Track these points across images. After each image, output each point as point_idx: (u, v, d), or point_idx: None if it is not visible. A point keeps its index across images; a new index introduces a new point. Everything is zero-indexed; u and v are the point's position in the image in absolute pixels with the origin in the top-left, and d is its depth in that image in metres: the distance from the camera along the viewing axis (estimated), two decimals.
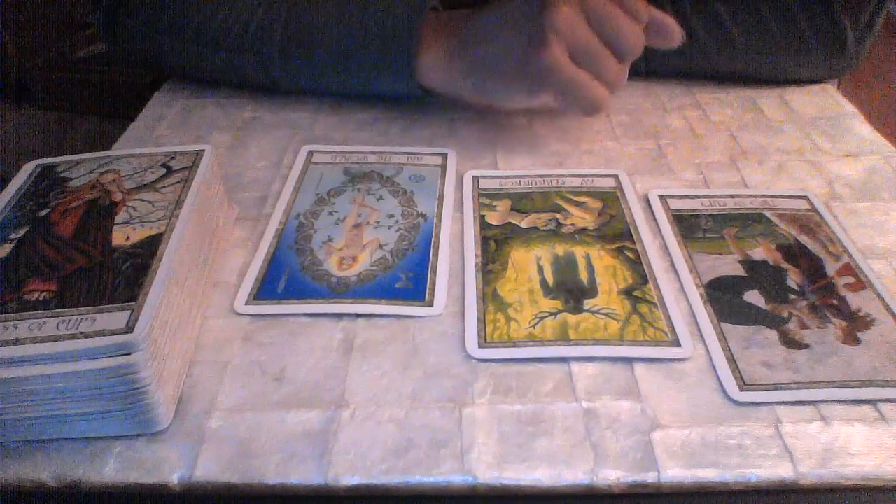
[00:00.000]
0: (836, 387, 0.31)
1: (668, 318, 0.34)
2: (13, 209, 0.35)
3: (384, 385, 0.32)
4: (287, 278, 0.37)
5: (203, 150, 0.39)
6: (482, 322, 0.34)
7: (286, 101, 0.54)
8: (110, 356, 0.27)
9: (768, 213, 0.41)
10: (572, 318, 0.34)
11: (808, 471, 0.28)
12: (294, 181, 0.45)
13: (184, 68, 0.56)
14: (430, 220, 0.41)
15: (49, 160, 0.39)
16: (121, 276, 0.30)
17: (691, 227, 0.41)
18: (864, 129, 0.51)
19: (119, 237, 0.33)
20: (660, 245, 0.40)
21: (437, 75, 0.48)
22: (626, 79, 0.44)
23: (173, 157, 0.39)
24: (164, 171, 0.37)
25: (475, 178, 0.45)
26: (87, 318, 0.28)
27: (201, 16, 0.51)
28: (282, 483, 0.28)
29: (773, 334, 0.34)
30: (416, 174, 0.46)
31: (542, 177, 0.45)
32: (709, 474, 0.28)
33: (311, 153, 0.48)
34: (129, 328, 0.27)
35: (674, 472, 0.28)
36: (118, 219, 0.34)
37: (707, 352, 0.33)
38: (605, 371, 0.32)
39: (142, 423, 0.29)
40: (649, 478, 0.28)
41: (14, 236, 0.33)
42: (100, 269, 0.31)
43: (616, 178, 0.45)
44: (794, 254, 0.38)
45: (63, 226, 0.34)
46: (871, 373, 0.31)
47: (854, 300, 0.35)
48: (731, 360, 0.32)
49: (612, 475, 0.28)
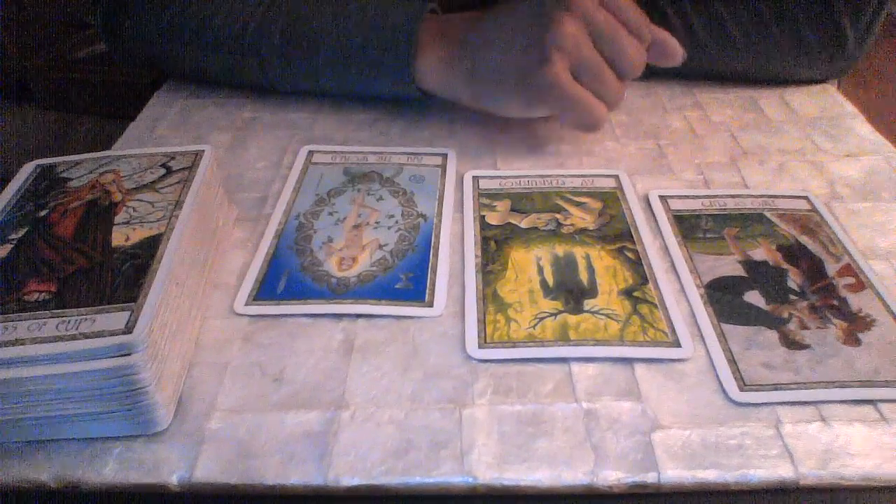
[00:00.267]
0: (836, 387, 0.31)
1: (669, 319, 0.34)
2: (13, 210, 0.35)
3: (384, 386, 0.32)
4: (287, 279, 0.37)
5: (203, 151, 0.39)
6: (482, 322, 0.34)
7: (286, 102, 0.54)
8: (110, 357, 0.27)
9: (769, 214, 0.41)
10: (572, 319, 0.34)
11: (809, 471, 0.28)
12: (294, 181, 0.45)
13: (183, 69, 0.56)
14: (430, 221, 0.41)
15: (49, 160, 0.39)
16: (120, 277, 0.30)
17: (691, 227, 0.41)
18: (864, 129, 0.51)
19: (119, 237, 0.33)
20: (660, 245, 0.40)
21: (435, 78, 0.47)
22: (625, 96, 0.44)
23: (173, 158, 0.39)
24: (163, 171, 0.37)
25: (475, 179, 0.45)
26: (87, 319, 0.28)
27: (200, 17, 0.51)
28: (281, 484, 0.28)
29: (773, 335, 0.34)
30: (416, 174, 0.46)
31: (542, 177, 0.45)
32: (709, 475, 0.28)
33: (311, 153, 0.48)
34: (129, 329, 0.27)
35: (674, 473, 0.28)
36: (118, 219, 0.34)
37: (707, 352, 0.33)
38: (605, 372, 0.32)
39: (141, 423, 0.29)
40: (649, 478, 0.28)
41: (14, 237, 0.33)
42: (99, 269, 0.31)
43: (616, 178, 0.45)
44: (794, 254, 0.38)
45: (63, 226, 0.33)
46: (872, 373, 0.31)
47: (854, 301, 0.35)
48: (732, 361, 0.32)
49: (613, 476, 0.28)
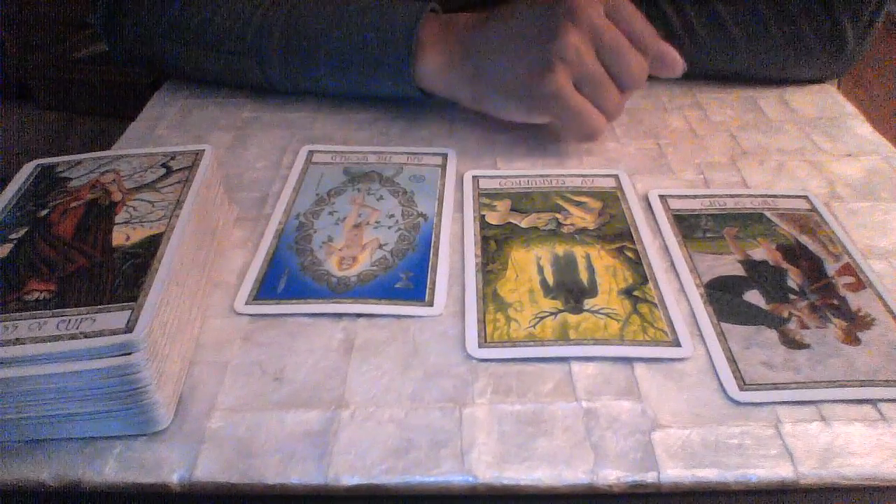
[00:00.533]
0: (836, 387, 0.31)
1: (669, 318, 0.34)
2: (13, 209, 0.35)
3: (384, 385, 0.32)
4: (287, 278, 0.37)
5: (203, 150, 0.39)
6: (482, 322, 0.34)
7: (286, 101, 0.54)
8: (110, 356, 0.27)
9: (768, 213, 0.41)
10: (572, 318, 0.34)
11: (808, 471, 0.28)
12: (294, 181, 0.45)
13: (183, 69, 0.56)
14: (430, 220, 0.41)
15: (49, 160, 0.39)
16: (121, 276, 0.30)
17: (691, 227, 0.41)
18: (864, 129, 0.51)
19: (119, 237, 0.33)
20: (660, 245, 0.40)
21: (436, 79, 0.47)
22: (624, 109, 0.44)
23: (173, 157, 0.39)
24: (164, 171, 0.37)
25: (475, 178, 0.45)
26: (87, 318, 0.28)
27: (200, 17, 0.51)
28: (282, 483, 0.28)
29: (773, 334, 0.34)
30: (416, 174, 0.46)
31: (542, 177, 0.45)
32: (709, 474, 0.28)
33: (311, 153, 0.48)
34: (129, 328, 0.27)
35: (674, 472, 0.28)
36: (118, 219, 0.34)
37: (707, 352, 0.33)
38: (605, 371, 0.32)
39: (142, 423, 0.29)
40: (649, 478, 0.28)
41: (14, 236, 0.33)
42: (100, 269, 0.31)
43: (616, 178, 0.45)
44: (794, 254, 0.38)
45: (63, 226, 0.34)
46: (872, 373, 0.31)
47: (854, 300, 0.35)
48: (732, 360, 0.32)
49: (613, 475, 0.28)
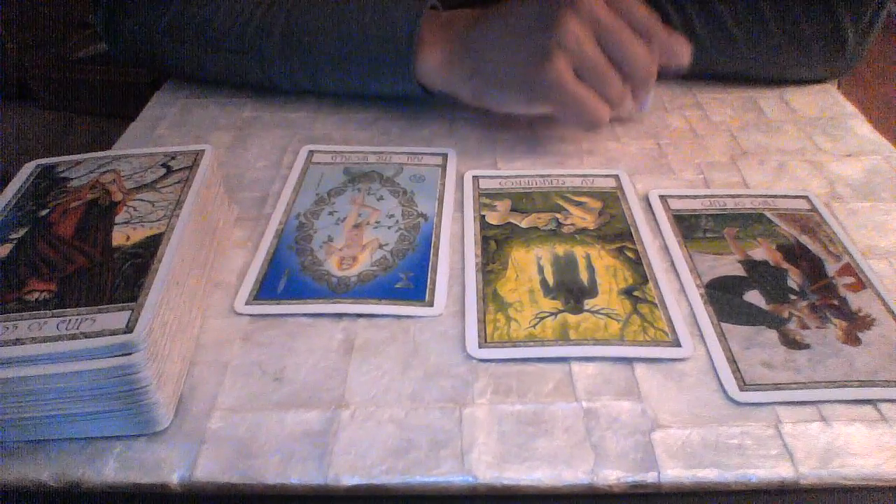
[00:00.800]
0: (836, 387, 0.31)
1: (669, 319, 0.34)
2: (13, 209, 0.35)
3: (384, 385, 0.32)
4: (287, 278, 0.37)
5: (203, 150, 0.39)
6: (482, 322, 0.34)
7: (286, 101, 0.54)
8: (110, 356, 0.27)
9: (768, 214, 0.41)
10: (572, 318, 0.34)
11: (809, 471, 0.28)
12: (294, 181, 0.45)
13: (183, 69, 0.56)
14: (430, 220, 0.41)
15: (49, 160, 0.39)
16: (121, 276, 0.30)
17: (691, 227, 0.41)
18: (864, 129, 0.51)
19: (119, 237, 0.33)
20: (660, 245, 0.40)
21: (436, 75, 0.47)
22: (630, 99, 0.44)
23: (173, 157, 0.39)
24: (164, 171, 0.37)
25: (475, 178, 0.45)
26: (87, 319, 0.28)
27: (200, 16, 0.51)
28: (282, 483, 0.28)
29: (773, 334, 0.34)
30: (417, 174, 0.46)
31: (542, 177, 0.45)
32: (709, 474, 0.28)
33: (311, 153, 0.48)
34: (129, 328, 0.27)
35: (674, 473, 0.28)
36: (118, 219, 0.34)
37: (707, 352, 0.33)
38: (605, 371, 0.32)
39: (142, 423, 0.29)
40: (649, 478, 0.28)
41: (14, 236, 0.33)
42: (100, 269, 0.31)
43: (616, 178, 0.45)
44: (794, 254, 0.38)
45: (63, 226, 0.33)
46: (872, 373, 0.31)
47: (854, 300, 0.35)
48: (732, 361, 0.32)
49: (613, 475, 0.28)
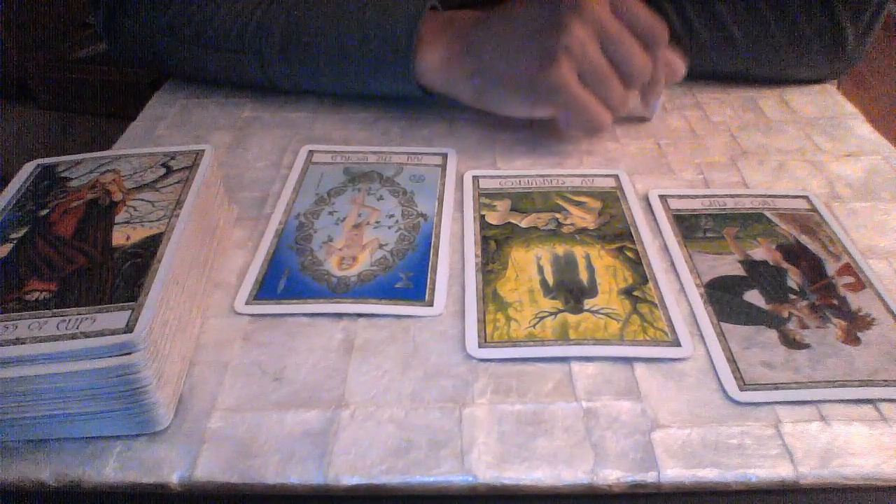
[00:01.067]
0: (836, 387, 0.31)
1: (669, 318, 0.34)
2: (13, 209, 0.35)
3: (384, 385, 0.32)
4: (287, 278, 0.37)
5: (203, 150, 0.39)
6: (482, 322, 0.34)
7: (286, 101, 0.54)
8: (110, 356, 0.27)
9: (768, 213, 0.41)
10: (572, 318, 0.34)
11: (808, 471, 0.28)
12: (294, 181, 0.45)
13: (183, 68, 0.56)
14: (430, 220, 0.41)
15: (49, 160, 0.39)
16: (121, 276, 0.30)
17: (691, 227, 0.41)
18: (864, 129, 0.51)
19: (119, 237, 0.33)
20: (660, 245, 0.40)
21: (436, 75, 0.47)
22: (630, 103, 0.44)
23: (173, 157, 0.39)
24: (164, 171, 0.37)
25: (475, 178, 0.45)
26: (87, 318, 0.28)
27: (201, 16, 0.51)
28: (282, 483, 0.28)
29: (773, 334, 0.34)
30: (416, 174, 0.46)
31: (542, 177, 0.45)
32: (709, 474, 0.28)
33: (311, 153, 0.48)
34: (129, 328, 0.27)
35: (674, 472, 0.28)
36: (118, 219, 0.34)
37: (707, 352, 0.33)
38: (605, 371, 0.32)
39: (142, 423, 0.29)
40: (649, 478, 0.28)
41: (14, 236, 0.33)
42: (100, 269, 0.31)
43: (616, 178, 0.45)
44: (794, 254, 0.38)
45: (63, 226, 0.34)
46: (872, 373, 0.31)
47: (854, 300, 0.35)
48: (731, 360, 0.32)
49: (612, 475, 0.28)
